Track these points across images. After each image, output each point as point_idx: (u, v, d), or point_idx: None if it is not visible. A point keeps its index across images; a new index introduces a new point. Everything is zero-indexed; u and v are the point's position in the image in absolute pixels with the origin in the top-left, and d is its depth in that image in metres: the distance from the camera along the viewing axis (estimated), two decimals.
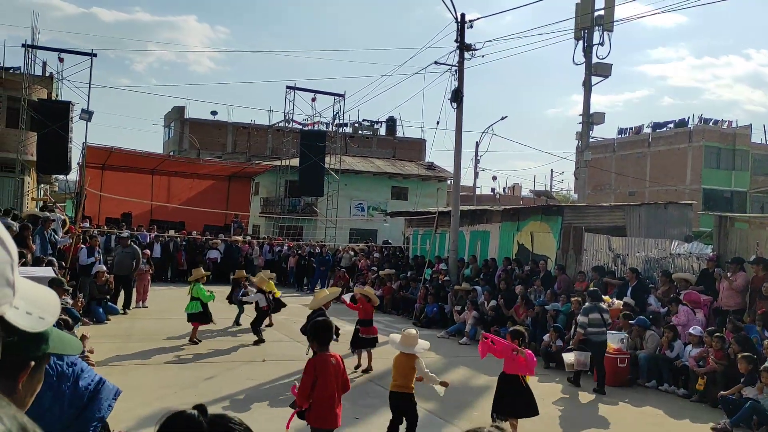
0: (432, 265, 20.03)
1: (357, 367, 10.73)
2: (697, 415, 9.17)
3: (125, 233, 18.23)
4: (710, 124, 46.98)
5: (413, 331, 7.34)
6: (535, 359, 7.76)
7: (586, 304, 11.19)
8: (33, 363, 1.42)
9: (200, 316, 12.63)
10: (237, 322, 14.64)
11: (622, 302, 12.85)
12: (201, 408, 1.54)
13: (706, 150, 45.31)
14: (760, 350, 9.60)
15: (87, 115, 26.07)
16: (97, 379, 2.08)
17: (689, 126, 46.83)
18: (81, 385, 2.01)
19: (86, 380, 2.06)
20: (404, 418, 6.96)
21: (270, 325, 14.62)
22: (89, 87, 26.04)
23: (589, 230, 16.36)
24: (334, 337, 6.40)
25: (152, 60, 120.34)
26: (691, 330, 10.81)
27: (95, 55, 26.14)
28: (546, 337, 12.29)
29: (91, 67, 25.96)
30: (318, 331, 5.86)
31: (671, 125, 48.30)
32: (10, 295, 0.92)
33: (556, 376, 11.38)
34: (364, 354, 10.92)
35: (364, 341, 10.92)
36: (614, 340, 11.13)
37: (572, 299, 13.26)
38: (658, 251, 14.58)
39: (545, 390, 10.29)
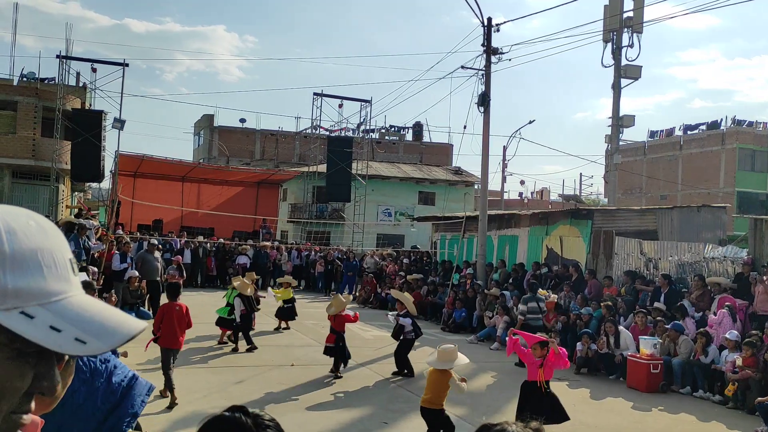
0: (460, 270, 19.93)
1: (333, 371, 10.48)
2: (734, 422, 8.96)
3: (154, 240, 18.47)
4: (744, 125, 46.04)
5: (451, 345, 7.20)
6: (565, 351, 7.69)
7: (527, 295, 13.60)
8: (67, 356, 1.44)
9: (228, 321, 12.75)
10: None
11: (556, 296, 14.29)
12: (243, 409, 1.55)
13: (739, 152, 44.39)
14: None
15: (119, 123, 26.57)
16: (131, 375, 2.10)
17: (722, 128, 45.95)
18: (114, 381, 2.04)
19: (119, 376, 2.08)
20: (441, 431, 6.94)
21: (286, 328, 14.91)
22: (121, 96, 26.54)
23: (619, 234, 16.14)
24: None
25: (182, 69, 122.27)
26: (726, 335, 10.58)
27: (127, 65, 26.63)
28: (579, 345, 12.10)
29: (123, 76, 26.46)
30: (169, 288, 9.53)
31: (703, 127, 47.44)
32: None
33: (586, 382, 11.23)
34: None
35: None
36: (647, 346, 10.96)
37: (602, 304, 13.10)
38: (692, 255, 14.33)
39: (576, 396, 10.17)
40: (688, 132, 48.13)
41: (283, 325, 15.14)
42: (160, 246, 18.64)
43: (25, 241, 0.90)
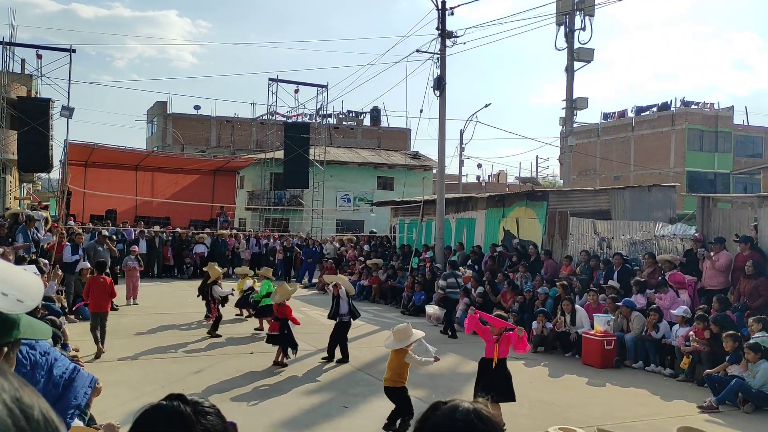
0: (419, 254, 20.06)
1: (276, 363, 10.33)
2: (684, 394, 9.27)
3: (105, 231, 18.09)
4: (692, 106, 47.28)
5: (404, 324, 7.35)
6: (527, 335, 7.85)
7: (447, 271, 14.80)
8: (6, 349, 1.40)
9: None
10: (208, 317, 14.55)
11: (471, 272, 15.49)
12: (181, 397, 1.52)
13: (689, 133, 45.61)
14: (744, 331, 9.70)
15: (68, 112, 25.77)
16: (72, 367, 2.06)
17: (672, 109, 47.10)
18: (56, 374, 2.00)
19: (60, 369, 2.05)
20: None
21: (249, 316, 14.73)
22: (69, 83, 25.73)
23: (574, 215, 16.44)
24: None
25: (133, 56, 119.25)
26: (675, 311, 10.92)
27: (74, 51, 25.80)
28: (535, 323, 12.35)
29: (70, 63, 25.63)
30: (97, 265, 11.72)
31: (654, 109, 48.56)
32: None
33: (544, 359, 11.47)
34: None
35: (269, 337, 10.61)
36: (601, 323, 11.23)
37: (558, 284, 13.36)
38: (643, 234, 14.69)
39: (533, 373, 10.37)
40: (640, 114, 49.20)
41: (245, 313, 15.03)
42: (113, 237, 18.24)
43: None
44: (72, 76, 25.74)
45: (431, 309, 14.90)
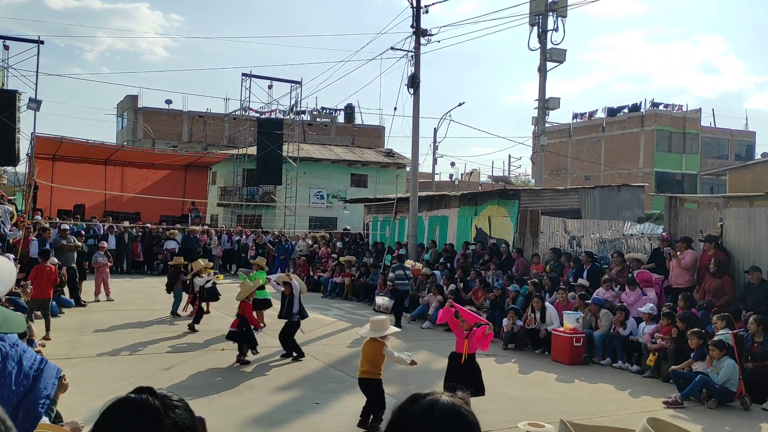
0: (392, 251, 20.11)
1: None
2: (650, 390, 9.44)
3: (66, 225, 17.79)
4: (661, 108, 48.09)
5: (382, 316, 7.42)
6: (492, 337, 7.94)
7: (395, 263, 15.59)
8: None
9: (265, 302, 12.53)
10: (175, 312, 14.43)
11: (421, 264, 16.55)
12: (150, 390, 1.51)
13: (657, 134, 46.40)
14: (709, 328, 9.91)
15: (35, 104, 25.26)
16: (39, 358, 2.05)
17: (642, 111, 47.86)
18: (26, 365, 1.99)
19: (29, 360, 2.03)
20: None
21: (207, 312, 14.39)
22: (36, 75, 25.25)
23: (545, 213, 16.63)
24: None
25: (103, 49, 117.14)
26: (641, 308, 11.12)
27: (42, 42, 25.31)
28: (506, 320, 12.47)
29: (38, 54, 25.14)
30: (41, 253, 12.48)
31: (625, 110, 49.29)
32: None
33: (514, 356, 11.59)
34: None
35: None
36: (570, 320, 11.38)
37: (529, 281, 13.51)
38: (612, 232, 14.92)
39: (503, 370, 10.48)
40: (611, 114, 49.91)
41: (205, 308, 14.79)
42: (81, 232, 17.93)
43: None
44: (40, 68, 25.28)
45: (380, 299, 15.34)
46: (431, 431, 1.41)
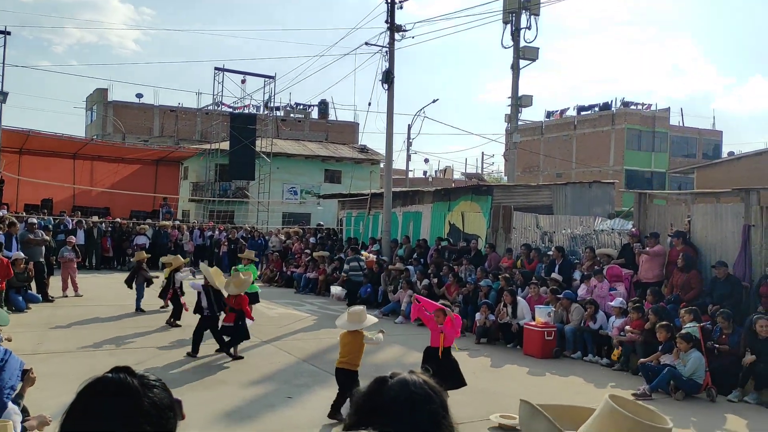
0: (365, 247, 20.10)
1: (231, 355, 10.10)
2: (619, 383, 9.59)
3: (33, 219, 17.45)
4: (631, 107, 48.80)
5: (359, 307, 7.40)
6: (461, 321, 7.99)
7: (350, 256, 16.94)
8: None
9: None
10: (138, 308, 14.22)
11: (373, 256, 17.31)
12: (128, 369, 1.49)
13: (628, 132, 47.08)
14: (677, 321, 10.09)
15: (1, 96, 24.77)
16: (2, 350, 2.00)
17: (612, 109, 48.51)
18: None
19: None
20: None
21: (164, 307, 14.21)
22: (2, 67, 24.73)
23: (518, 209, 16.77)
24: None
25: (73, 42, 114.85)
26: (611, 302, 11.28)
27: (8, 33, 24.80)
28: (478, 315, 12.55)
29: (4, 46, 24.65)
30: None
31: (596, 108, 49.91)
32: None
33: (486, 351, 11.67)
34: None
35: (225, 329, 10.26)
36: (542, 314, 11.49)
37: (500, 276, 13.61)
38: (583, 228, 15.11)
39: (475, 364, 10.54)
40: (582, 113, 50.50)
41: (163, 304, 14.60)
42: (49, 226, 17.61)
43: None
44: (6, 60, 24.74)
45: (335, 289, 16.53)
46: (401, 409, 1.40)
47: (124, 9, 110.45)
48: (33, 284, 14.97)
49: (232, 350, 10.15)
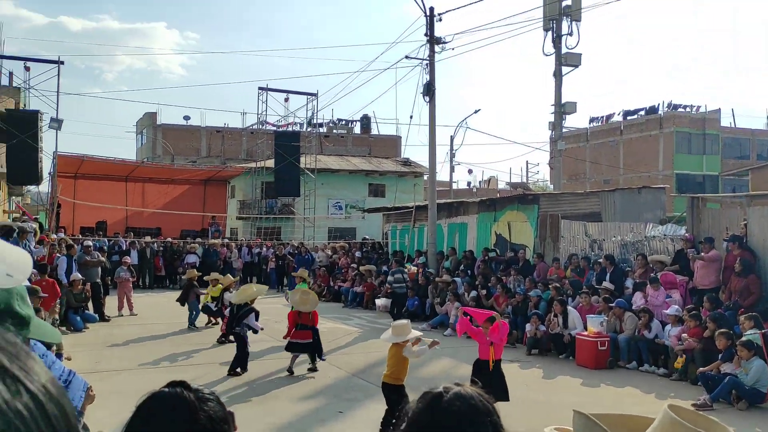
0: (411, 259, 20.07)
1: (289, 370, 10.12)
2: (678, 393, 9.30)
3: (89, 242, 18.06)
4: (680, 110, 47.63)
5: (403, 321, 7.40)
6: (507, 327, 7.89)
7: (393, 268, 17.13)
8: None
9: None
10: (192, 325, 14.55)
11: (415, 268, 17.43)
12: (183, 384, 1.53)
13: (677, 135, 45.95)
14: (737, 329, 9.75)
15: (57, 123, 25.69)
16: (67, 370, 2.07)
17: (660, 112, 47.43)
18: (55, 376, 1.99)
19: (58, 371, 2.05)
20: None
21: (213, 323, 14.66)
22: (57, 95, 25.68)
23: (565, 217, 16.51)
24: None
25: (122, 69, 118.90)
26: (667, 311, 10.97)
27: (62, 62, 25.75)
28: (529, 326, 12.38)
29: (58, 75, 25.58)
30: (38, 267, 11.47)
31: (642, 112, 48.88)
32: None
33: (538, 362, 11.49)
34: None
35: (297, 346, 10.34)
36: (594, 324, 11.26)
37: (550, 286, 13.40)
38: (634, 235, 14.77)
39: (527, 375, 10.39)
40: (628, 117, 49.52)
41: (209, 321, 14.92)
42: (104, 248, 18.17)
43: None
44: (60, 88, 25.71)
45: (380, 302, 17.17)
46: (462, 423, 1.39)
47: (171, 35, 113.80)
48: (90, 304, 15.43)
49: (310, 364, 10.31)
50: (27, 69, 26.21)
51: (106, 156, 30.24)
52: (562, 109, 25.06)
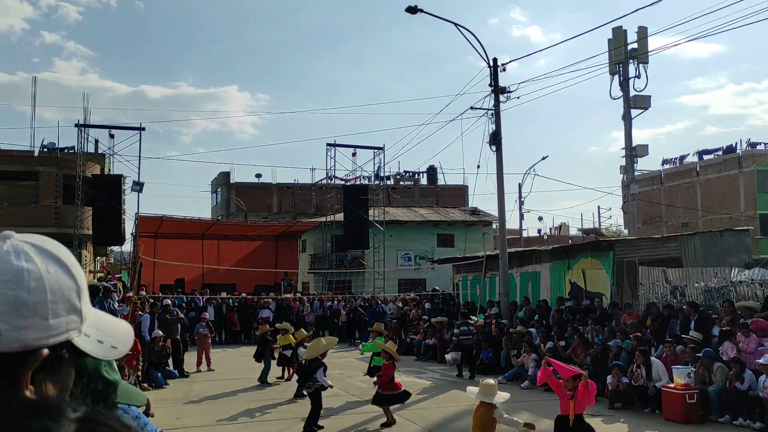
0: (483, 310, 19.76)
1: (384, 425, 10.14)
2: None
3: (168, 300, 18.70)
4: (758, 147, 45.75)
5: (491, 380, 7.28)
6: (595, 388, 7.57)
7: (459, 321, 16.80)
8: None
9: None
10: (264, 380, 14.66)
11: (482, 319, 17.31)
12: None
13: (758, 174, 44.01)
14: None
15: (138, 186, 27.07)
16: (159, 431, 2.14)
17: (738, 151, 45.69)
18: None
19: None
20: None
21: (283, 378, 14.88)
22: (139, 160, 27.14)
23: (642, 263, 15.97)
24: None
25: (198, 131, 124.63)
26: (761, 360, 10.33)
27: (143, 129, 27.34)
28: (610, 378, 11.89)
29: (140, 140, 27.11)
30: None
31: (719, 152, 47.21)
32: (78, 322, 0.96)
33: (622, 416, 10.99)
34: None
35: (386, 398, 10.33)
36: (681, 375, 10.72)
37: (631, 335, 12.90)
38: (718, 280, 14.13)
39: (612, 431, 9.93)
40: (704, 157, 47.89)
41: (279, 374, 15.07)
42: (182, 305, 18.75)
43: (78, 270, 1.00)
44: (142, 153, 27.15)
45: (449, 355, 16.95)
46: None
47: (242, 97, 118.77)
48: (170, 360, 15.85)
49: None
50: (111, 136, 27.88)
51: (183, 215, 31.49)
52: (633, 152, 24.56)
